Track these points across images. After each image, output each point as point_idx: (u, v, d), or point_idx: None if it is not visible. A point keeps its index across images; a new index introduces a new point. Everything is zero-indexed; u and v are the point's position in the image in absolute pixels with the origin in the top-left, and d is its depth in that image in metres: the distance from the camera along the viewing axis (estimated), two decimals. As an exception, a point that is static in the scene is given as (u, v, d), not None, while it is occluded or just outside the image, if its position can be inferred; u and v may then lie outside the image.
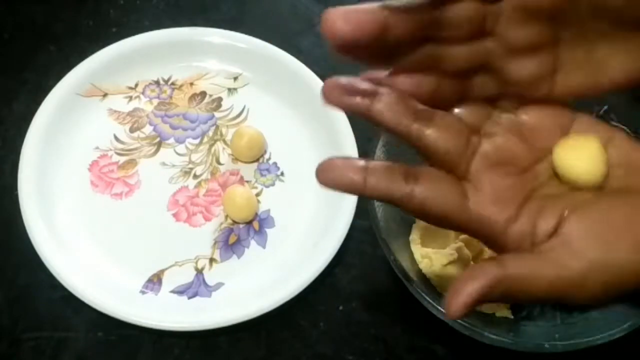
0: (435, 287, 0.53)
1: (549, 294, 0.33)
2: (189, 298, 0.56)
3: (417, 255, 0.54)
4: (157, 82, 0.65)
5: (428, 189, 0.35)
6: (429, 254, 0.53)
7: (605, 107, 0.54)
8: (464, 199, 0.35)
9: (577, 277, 0.33)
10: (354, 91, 0.35)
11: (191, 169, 0.61)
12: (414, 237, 0.55)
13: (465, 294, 0.32)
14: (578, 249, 0.33)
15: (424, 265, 0.53)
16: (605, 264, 0.33)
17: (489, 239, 0.36)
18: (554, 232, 0.34)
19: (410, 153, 0.56)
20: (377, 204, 0.52)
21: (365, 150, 0.57)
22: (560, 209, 0.35)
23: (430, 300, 0.48)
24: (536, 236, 0.35)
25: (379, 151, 0.53)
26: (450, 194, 0.35)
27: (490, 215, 0.35)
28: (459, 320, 0.47)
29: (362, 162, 0.35)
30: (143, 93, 0.64)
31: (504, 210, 0.35)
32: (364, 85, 0.35)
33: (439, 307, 0.48)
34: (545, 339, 0.48)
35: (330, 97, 0.35)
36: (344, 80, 0.35)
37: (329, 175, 0.35)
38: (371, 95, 0.35)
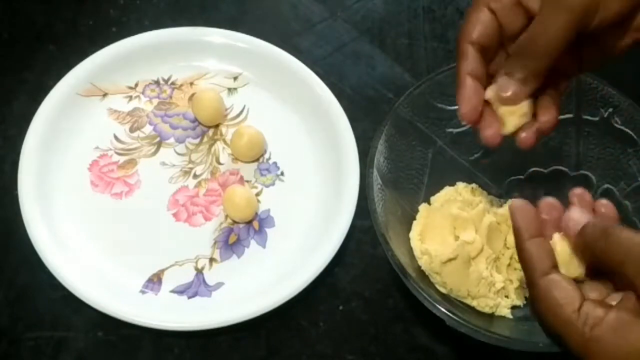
0: (435, 284, 0.53)
1: None
2: (189, 298, 0.56)
3: (417, 252, 0.54)
4: (157, 82, 0.65)
5: None
6: (429, 251, 0.53)
7: (610, 110, 0.55)
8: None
9: None
10: None
11: (191, 168, 0.61)
12: (414, 233, 0.55)
13: None
14: None
15: (424, 261, 0.53)
16: None
17: None
18: None
19: (411, 146, 0.56)
20: (377, 198, 0.52)
21: (365, 150, 0.56)
22: None
23: (428, 297, 0.48)
24: None
25: (381, 146, 0.53)
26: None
27: None
28: (457, 319, 0.47)
29: None
30: (143, 93, 0.65)
31: None
32: None
33: (436, 304, 0.48)
34: (543, 338, 0.48)
35: None
36: None
37: None
38: None
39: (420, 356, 0.55)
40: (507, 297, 0.54)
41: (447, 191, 0.58)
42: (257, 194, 0.61)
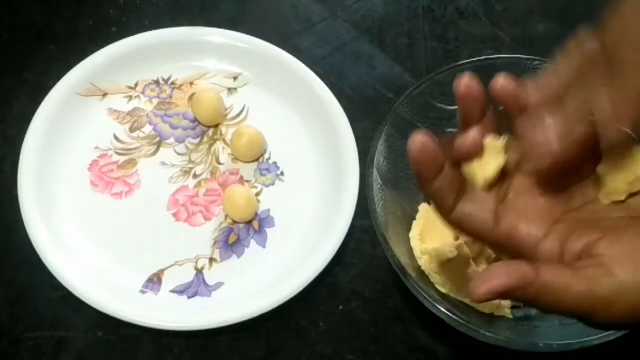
0: (434, 284, 0.53)
1: (576, 308, 0.34)
2: (189, 298, 0.56)
3: (417, 252, 0.54)
4: (157, 82, 0.65)
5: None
6: (429, 251, 0.53)
7: None
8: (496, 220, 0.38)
9: (608, 295, 0.34)
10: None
11: (191, 168, 0.61)
12: (414, 233, 0.55)
13: (494, 283, 0.34)
14: (611, 269, 0.34)
15: (424, 261, 0.53)
16: (636, 286, 0.34)
17: (519, 256, 0.38)
18: (582, 253, 0.36)
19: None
20: (377, 198, 0.52)
21: (365, 150, 0.57)
22: (592, 232, 0.36)
23: (428, 297, 0.48)
24: (564, 256, 0.36)
25: (381, 146, 0.53)
26: (484, 214, 0.38)
27: (520, 234, 0.38)
28: (457, 319, 0.47)
29: None
30: (143, 93, 0.65)
31: (535, 230, 0.37)
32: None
33: (436, 304, 0.48)
34: (542, 339, 0.48)
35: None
36: None
37: None
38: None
39: (420, 356, 0.55)
40: (507, 297, 0.54)
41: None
42: (257, 194, 0.61)
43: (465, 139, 0.38)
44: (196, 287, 0.56)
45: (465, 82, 0.38)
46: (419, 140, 0.37)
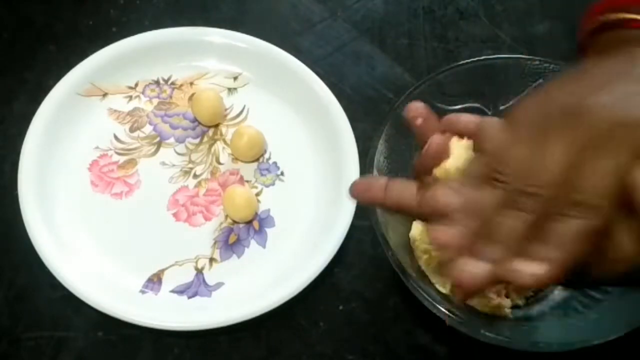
0: (434, 284, 0.53)
1: None
2: (189, 298, 0.56)
3: (417, 252, 0.54)
4: (157, 82, 0.65)
5: None
6: (429, 250, 0.53)
7: None
8: None
9: None
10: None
11: (191, 168, 0.61)
12: (414, 233, 0.55)
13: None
14: None
15: (424, 261, 0.53)
16: None
17: None
18: None
19: (411, 146, 0.56)
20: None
21: (365, 150, 0.56)
22: None
23: (428, 297, 0.48)
24: None
25: (381, 146, 0.53)
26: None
27: None
28: (457, 319, 0.47)
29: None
30: (143, 93, 0.65)
31: None
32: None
33: (436, 304, 0.48)
34: (542, 339, 0.48)
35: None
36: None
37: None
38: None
39: (420, 356, 0.55)
40: (507, 297, 0.54)
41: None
42: (257, 194, 0.61)
43: (431, 143, 0.43)
44: (196, 287, 0.56)
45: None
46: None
